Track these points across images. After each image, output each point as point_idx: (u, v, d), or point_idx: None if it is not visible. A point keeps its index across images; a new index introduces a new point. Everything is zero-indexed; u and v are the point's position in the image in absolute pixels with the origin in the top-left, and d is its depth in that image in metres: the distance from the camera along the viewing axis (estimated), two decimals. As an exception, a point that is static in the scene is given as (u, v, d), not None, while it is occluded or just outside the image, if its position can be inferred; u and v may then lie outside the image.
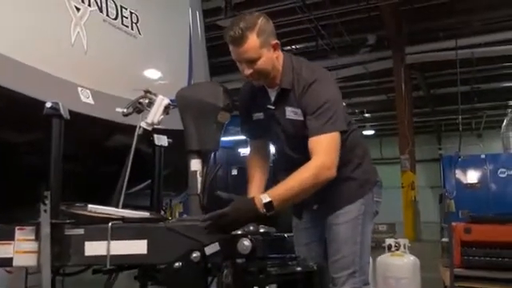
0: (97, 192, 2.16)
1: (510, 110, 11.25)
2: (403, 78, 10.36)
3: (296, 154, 1.92)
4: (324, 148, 1.75)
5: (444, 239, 4.32)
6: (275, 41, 1.84)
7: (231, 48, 1.80)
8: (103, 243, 1.63)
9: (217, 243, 1.57)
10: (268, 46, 1.82)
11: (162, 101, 2.01)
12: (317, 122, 1.78)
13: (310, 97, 1.82)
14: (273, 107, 1.93)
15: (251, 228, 1.59)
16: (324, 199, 1.95)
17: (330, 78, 1.95)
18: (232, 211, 1.59)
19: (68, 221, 1.69)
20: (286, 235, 1.96)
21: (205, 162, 1.86)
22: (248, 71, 1.82)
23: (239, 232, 1.58)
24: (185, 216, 1.75)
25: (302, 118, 1.86)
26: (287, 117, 1.91)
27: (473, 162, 9.03)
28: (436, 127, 18.75)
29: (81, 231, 1.67)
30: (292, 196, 1.70)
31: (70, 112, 1.80)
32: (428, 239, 8.48)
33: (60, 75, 2.13)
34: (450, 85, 12.43)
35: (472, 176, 8.65)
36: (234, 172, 8.39)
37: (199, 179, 1.83)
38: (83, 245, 1.66)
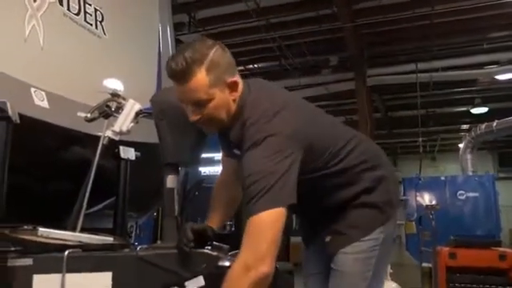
0: (49, 212, 1.84)
1: (466, 134, 11.61)
2: (365, 100, 10.45)
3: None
4: (250, 236, 1.26)
5: (425, 264, 4.16)
6: (232, 78, 1.40)
7: (174, 85, 1.39)
8: (57, 276, 1.37)
9: (201, 277, 1.30)
10: (222, 86, 1.38)
11: (132, 105, 1.73)
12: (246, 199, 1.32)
13: (244, 163, 1.35)
14: (238, 152, 1.45)
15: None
16: (338, 231, 1.57)
17: (291, 134, 1.36)
18: None
19: (13, 248, 1.43)
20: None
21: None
22: (195, 117, 1.39)
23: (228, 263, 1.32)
24: (159, 242, 1.46)
25: None
26: None
27: (433, 184, 9.12)
28: (392, 149, 19.17)
29: (29, 261, 1.40)
30: None
31: (21, 116, 1.52)
32: (409, 263, 8.22)
33: (9, 72, 1.82)
34: (408, 108, 12.72)
35: (432, 198, 8.73)
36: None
37: (176, 198, 1.55)
38: (31, 278, 1.38)
